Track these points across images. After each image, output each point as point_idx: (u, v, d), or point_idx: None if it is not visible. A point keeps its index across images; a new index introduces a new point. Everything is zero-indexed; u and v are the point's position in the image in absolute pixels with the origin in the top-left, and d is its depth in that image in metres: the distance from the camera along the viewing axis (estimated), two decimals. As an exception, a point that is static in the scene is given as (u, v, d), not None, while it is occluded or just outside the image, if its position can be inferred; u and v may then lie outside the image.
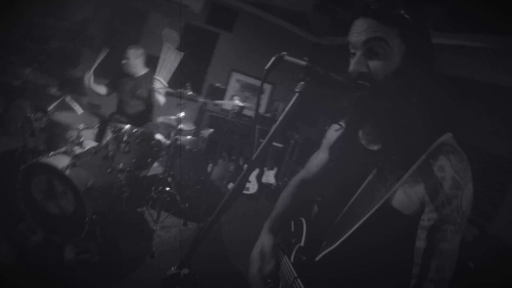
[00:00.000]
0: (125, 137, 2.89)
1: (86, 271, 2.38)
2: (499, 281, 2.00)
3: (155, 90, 3.49)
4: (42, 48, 4.34)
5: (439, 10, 2.75)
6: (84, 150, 2.78)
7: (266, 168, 4.97)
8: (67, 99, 2.81)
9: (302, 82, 0.82)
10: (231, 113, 4.09)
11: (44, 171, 2.47)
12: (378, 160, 0.98)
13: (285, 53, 0.80)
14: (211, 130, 4.76)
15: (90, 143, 3.04)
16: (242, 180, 0.91)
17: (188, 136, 4.13)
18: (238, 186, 0.91)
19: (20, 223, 2.52)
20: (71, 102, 2.80)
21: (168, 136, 3.79)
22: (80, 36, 4.56)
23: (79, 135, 2.94)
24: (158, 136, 3.65)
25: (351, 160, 1.10)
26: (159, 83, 3.49)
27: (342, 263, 1.01)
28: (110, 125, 3.03)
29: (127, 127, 2.94)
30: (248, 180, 4.74)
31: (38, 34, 4.31)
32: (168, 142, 3.50)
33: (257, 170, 4.84)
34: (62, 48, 4.50)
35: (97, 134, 3.37)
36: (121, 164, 2.90)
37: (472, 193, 0.91)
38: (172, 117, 3.43)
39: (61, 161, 2.48)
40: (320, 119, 5.26)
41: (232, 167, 5.19)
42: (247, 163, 4.76)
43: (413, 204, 0.92)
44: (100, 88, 3.77)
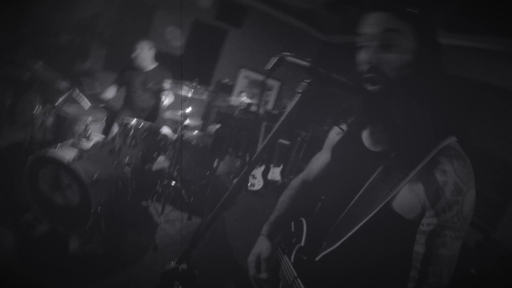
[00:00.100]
0: (131, 131, 2.91)
1: (90, 261, 2.41)
2: (501, 286, 1.98)
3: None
4: (51, 42, 4.37)
5: (446, 11, 2.70)
6: (90, 143, 2.81)
7: (272, 165, 4.96)
8: (75, 92, 2.84)
9: (304, 83, 0.81)
10: (238, 109, 4.10)
11: (51, 163, 2.50)
12: (381, 162, 0.97)
13: (287, 53, 0.79)
14: (218, 125, 4.76)
15: (97, 136, 3.08)
16: (243, 178, 0.91)
17: (195, 131, 4.15)
18: (238, 185, 0.91)
19: (26, 213, 2.55)
20: (79, 96, 2.83)
21: (175, 131, 3.81)
22: (89, 31, 4.59)
23: (86, 128, 2.98)
24: (165, 130, 3.67)
25: (353, 161, 1.09)
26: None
27: (342, 263, 1.00)
28: (117, 119, 3.06)
29: (134, 121, 2.97)
30: (253, 177, 4.75)
31: (47, 29, 4.34)
32: (175, 136, 3.51)
33: (263, 167, 4.84)
34: (71, 43, 4.52)
35: (104, 127, 3.41)
36: (127, 158, 2.92)
37: (474, 199, 0.89)
38: (179, 112, 3.45)
39: (67, 153, 2.51)
40: (328, 117, 5.23)
41: (238, 163, 5.20)
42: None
43: (414, 208, 0.91)
44: (109, 92, 3.82)
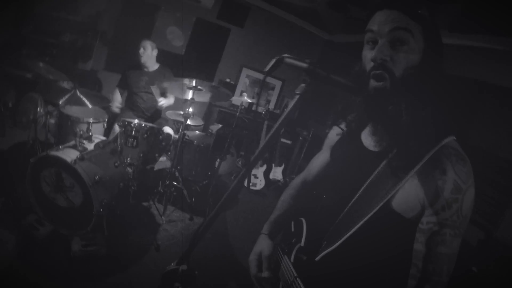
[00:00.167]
0: (133, 132, 2.92)
1: (93, 263, 2.41)
2: (503, 284, 1.98)
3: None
4: (53, 42, 4.39)
5: (449, 11, 2.69)
6: (92, 144, 2.82)
7: (273, 165, 4.96)
8: (78, 92, 2.84)
9: (303, 84, 0.81)
10: (240, 108, 4.10)
11: (53, 164, 2.51)
12: (380, 161, 0.97)
13: (285, 55, 0.79)
14: (220, 125, 4.77)
15: (98, 137, 3.09)
16: (241, 179, 0.91)
17: (197, 131, 4.16)
18: (237, 185, 0.91)
19: (29, 215, 2.57)
20: (81, 96, 2.83)
21: (176, 131, 3.82)
22: (91, 30, 4.60)
23: (88, 129, 3.00)
24: (168, 130, 3.68)
25: (353, 161, 1.09)
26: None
27: (342, 263, 1.00)
28: (119, 119, 3.07)
29: (136, 122, 2.97)
30: (255, 176, 4.75)
31: (50, 28, 4.36)
32: (176, 136, 3.53)
33: (264, 166, 4.84)
34: (74, 42, 4.54)
35: (106, 128, 3.42)
36: (128, 159, 2.93)
37: (473, 197, 0.90)
38: (180, 112, 3.46)
39: (70, 154, 2.52)
40: (330, 116, 5.22)
41: (240, 163, 5.20)
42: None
43: (414, 207, 0.91)
44: (117, 100, 3.85)
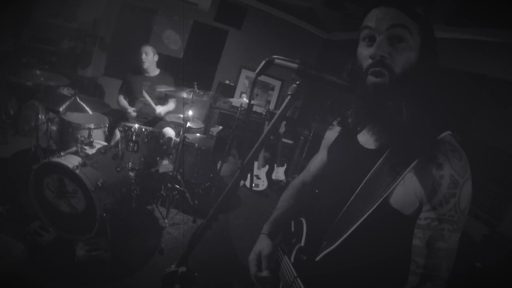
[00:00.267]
0: (133, 136, 2.93)
1: (97, 267, 2.43)
2: (508, 279, 1.97)
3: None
4: (53, 49, 4.42)
5: (446, 4, 2.68)
6: (94, 150, 2.84)
7: (276, 165, 4.96)
8: (78, 99, 2.86)
9: (294, 85, 0.82)
10: (239, 110, 4.11)
11: (55, 170, 2.53)
12: (376, 159, 0.98)
13: (275, 56, 0.80)
14: (220, 127, 4.78)
15: (100, 143, 3.10)
16: (237, 180, 0.92)
17: (197, 134, 4.17)
18: (232, 187, 0.92)
19: (33, 221, 2.59)
20: (81, 102, 2.85)
21: (177, 134, 3.83)
22: (90, 36, 4.62)
23: (89, 135, 3.01)
24: (169, 133, 3.69)
25: (350, 160, 1.09)
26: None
27: (342, 263, 1.00)
28: (119, 125, 3.08)
29: (136, 126, 2.99)
30: (258, 177, 4.76)
31: (48, 36, 4.38)
32: (177, 139, 3.54)
33: (267, 167, 4.85)
34: (73, 49, 4.56)
35: (107, 134, 3.44)
36: (130, 163, 2.95)
37: (471, 191, 0.90)
38: (181, 115, 3.47)
39: (71, 160, 2.54)
40: (327, 116, 5.22)
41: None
42: (255, 160, 4.77)
43: (412, 203, 0.92)
44: (127, 105, 3.88)
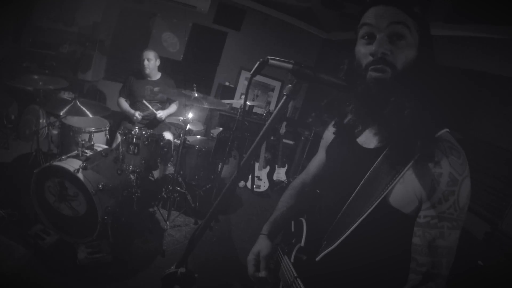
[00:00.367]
0: (134, 139, 2.94)
1: (99, 270, 2.43)
2: (509, 278, 1.96)
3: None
4: (53, 54, 4.43)
5: (445, 2, 2.68)
6: (94, 153, 2.85)
7: (277, 166, 4.96)
8: (78, 103, 2.88)
9: (290, 85, 0.82)
10: (240, 111, 4.11)
11: (56, 174, 2.54)
12: (375, 158, 0.98)
13: (269, 57, 0.80)
14: (221, 129, 4.78)
15: (100, 146, 3.11)
16: (235, 181, 0.92)
17: (198, 136, 4.18)
18: (230, 187, 0.93)
19: (35, 225, 2.60)
20: (82, 106, 2.87)
21: (177, 137, 3.84)
22: (90, 40, 4.63)
23: (90, 138, 3.02)
24: (168, 136, 3.70)
25: (348, 159, 1.09)
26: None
27: (342, 263, 1.01)
28: (120, 128, 3.09)
29: (136, 129, 3.00)
30: (259, 178, 4.76)
31: (48, 40, 4.40)
32: (178, 142, 3.54)
33: (268, 168, 4.85)
34: (73, 53, 4.58)
35: (109, 138, 3.45)
36: (131, 166, 2.96)
37: (469, 188, 0.90)
38: (180, 118, 3.48)
39: (72, 164, 2.55)
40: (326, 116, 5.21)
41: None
42: (256, 161, 4.77)
43: (411, 202, 0.92)
44: (123, 104, 3.91)
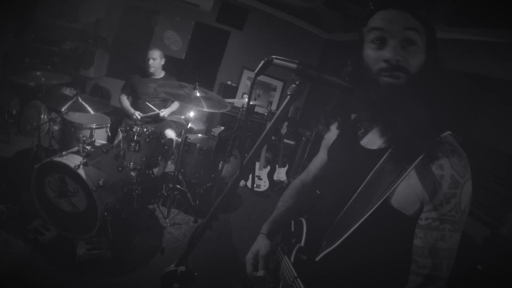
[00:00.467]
0: (135, 136, 2.94)
1: (98, 267, 2.44)
2: (509, 282, 1.96)
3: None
4: (55, 50, 4.43)
5: (449, 5, 2.67)
6: (95, 149, 2.85)
7: (277, 166, 4.96)
8: (80, 99, 2.88)
9: (293, 85, 0.82)
10: (241, 110, 4.12)
11: (57, 169, 2.54)
12: (377, 159, 0.98)
13: (274, 56, 0.80)
14: (222, 128, 4.79)
15: (102, 143, 3.11)
16: (236, 181, 0.92)
17: (199, 134, 4.18)
18: (232, 186, 0.93)
19: (34, 220, 2.60)
20: (83, 102, 2.87)
21: (179, 135, 3.84)
22: (92, 37, 4.63)
23: (91, 135, 3.02)
24: (170, 134, 3.70)
25: (350, 160, 1.09)
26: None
27: (342, 263, 1.01)
28: (121, 125, 3.10)
29: (138, 127, 3.00)
30: (259, 178, 4.76)
31: (50, 36, 4.41)
32: (179, 140, 3.55)
33: (268, 168, 4.85)
34: (75, 49, 4.58)
35: (110, 135, 3.45)
36: (131, 163, 2.96)
37: (471, 191, 0.90)
38: (182, 116, 3.48)
39: (73, 160, 2.55)
40: (322, 116, 5.21)
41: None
42: (257, 161, 4.77)
43: (413, 204, 0.92)
44: (124, 102, 3.91)
